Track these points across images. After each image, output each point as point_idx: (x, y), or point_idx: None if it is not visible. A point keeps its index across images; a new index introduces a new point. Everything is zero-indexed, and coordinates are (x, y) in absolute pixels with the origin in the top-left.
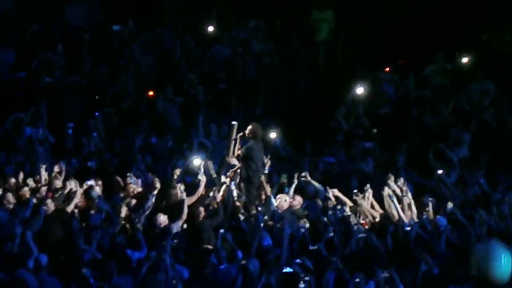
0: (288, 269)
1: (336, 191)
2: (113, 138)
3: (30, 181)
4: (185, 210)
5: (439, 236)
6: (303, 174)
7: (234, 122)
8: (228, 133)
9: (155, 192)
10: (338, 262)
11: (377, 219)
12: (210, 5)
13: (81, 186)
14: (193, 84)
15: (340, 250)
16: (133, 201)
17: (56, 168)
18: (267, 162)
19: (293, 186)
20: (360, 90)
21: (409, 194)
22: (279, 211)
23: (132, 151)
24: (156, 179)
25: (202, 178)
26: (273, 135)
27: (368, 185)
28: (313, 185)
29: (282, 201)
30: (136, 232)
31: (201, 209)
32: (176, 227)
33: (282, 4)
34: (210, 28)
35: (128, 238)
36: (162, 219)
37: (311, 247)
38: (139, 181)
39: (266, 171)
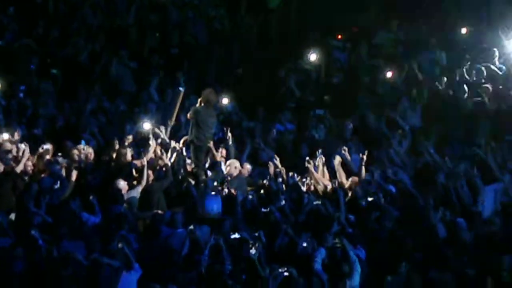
0: (236, 235)
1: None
2: (64, 101)
3: None
4: (145, 175)
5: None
6: (256, 141)
7: (180, 88)
8: (173, 99)
9: (113, 154)
10: (289, 229)
11: (329, 187)
12: None
13: (32, 149)
14: (150, 49)
15: (291, 217)
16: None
17: (15, 135)
18: (226, 131)
19: (246, 152)
20: (312, 57)
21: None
22: (229, 178)
23: (84, 114)
24: (116, 141)
25: (152, 142)
26: (225, 101)
27: (319, 153)
28: (266, 153)
29: (232, 168)
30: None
31: (150, 172)
32: (136, 192)
33: None
34: None
35: (83, 202)
36: (122, 184)
37: (263, 210)
38: (91, 144)
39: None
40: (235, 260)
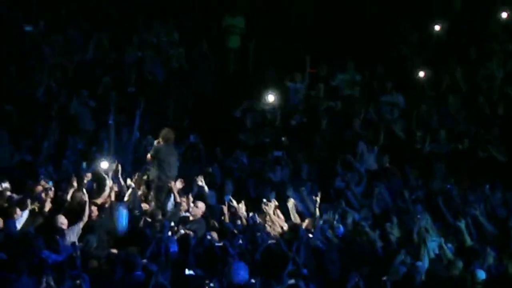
0: (191, 272)
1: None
2: (20, 138)
3: None
4: (87, 212)
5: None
6: (197, 179)
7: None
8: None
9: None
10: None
11: (285, 228)
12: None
13: None
14: (108, 87)
15: (247, 256)
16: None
17: None
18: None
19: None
20: (270, 98)
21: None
22: (190, 218)
23: (41, 152)
24: (74, 178)
25: (109, 181)
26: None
27: (272, 195)
28: (212, 192)
29: (195, 208)
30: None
31: (94, 208)
32: (77, 229)
33: (193, 7)
34: None
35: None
36: (62, 220)
37: (217, 244)
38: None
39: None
40: None
